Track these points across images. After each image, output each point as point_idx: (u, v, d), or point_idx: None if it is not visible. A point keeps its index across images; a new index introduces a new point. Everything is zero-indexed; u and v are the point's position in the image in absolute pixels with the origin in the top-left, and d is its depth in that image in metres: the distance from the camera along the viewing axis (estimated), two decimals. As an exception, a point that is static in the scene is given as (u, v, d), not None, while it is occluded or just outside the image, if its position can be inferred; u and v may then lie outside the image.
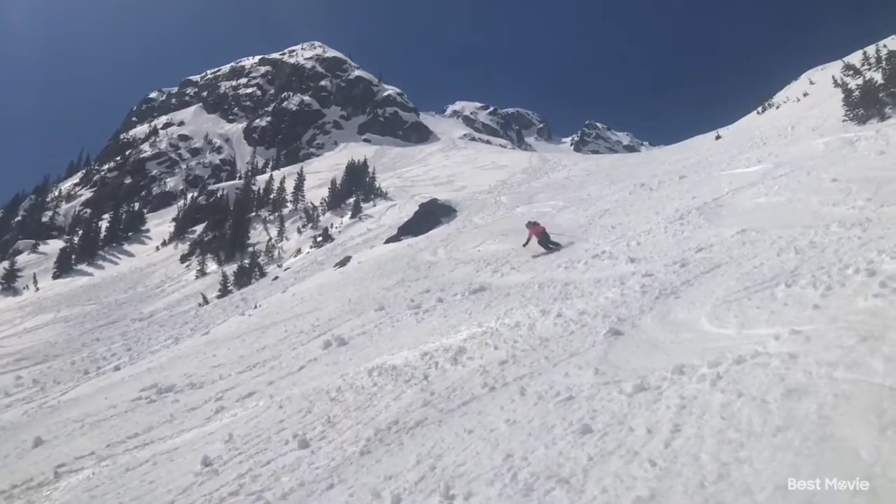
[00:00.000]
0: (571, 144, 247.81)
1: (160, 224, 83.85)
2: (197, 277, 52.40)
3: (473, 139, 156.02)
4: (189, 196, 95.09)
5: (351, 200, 64.98)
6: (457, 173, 78.04)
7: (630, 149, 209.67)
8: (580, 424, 4.86)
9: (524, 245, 18.90)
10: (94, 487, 8.75)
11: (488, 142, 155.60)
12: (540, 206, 31.18)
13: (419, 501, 4.72)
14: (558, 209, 27.97)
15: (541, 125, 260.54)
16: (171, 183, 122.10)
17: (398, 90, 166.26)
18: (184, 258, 62.61)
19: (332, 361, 12.07)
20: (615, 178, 36.43)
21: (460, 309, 13.26)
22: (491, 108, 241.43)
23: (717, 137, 42.58)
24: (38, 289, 57.75)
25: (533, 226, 19.20)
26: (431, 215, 38.38)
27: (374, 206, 61.62)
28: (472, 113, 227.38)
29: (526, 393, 6.32)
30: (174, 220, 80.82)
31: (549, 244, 18.04)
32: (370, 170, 77.67)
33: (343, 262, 31.77)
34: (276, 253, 55.37)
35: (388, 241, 36.73)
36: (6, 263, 65.62)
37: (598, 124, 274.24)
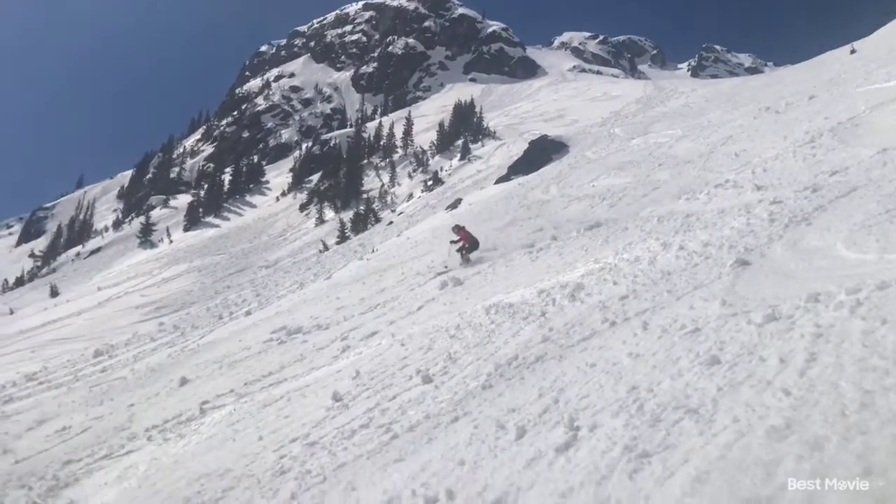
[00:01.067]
0: (688, 70, 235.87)
1: (278, 175, 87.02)
2: (316, 225, 54.32)
3: (583, 71, 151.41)
4: (303, 146, 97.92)
5: (459, 142, 64.94)
6: (567, 107, 76.24)
7: (753, 71, 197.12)
8: (707, 356, 4.73)
9: (453, 244, 17.05)
10: (235, 422, 9.40)
11: (599, 72, 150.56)
12: (656, 137, 30.04)
13: (544, 433, 4.78)
14: (676, 139, 26.86)
15: (654, 52, 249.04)
16: (286, 134, 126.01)
17: (503, 25, 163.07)
18: (302, 207, 64.95)
19: (449, 301, 12.30)
20: (737, 102, 34.48)
21: (576, 246, 13.11)
22: (600, 38, 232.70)
23: (852, 52, 39.22)
24: (171, 241, 61.62)
25: (460, 230, 17.31)
26: (542, 152, 37.80)
27: (483, 146, 61.32)
28: (580, 44, 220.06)
29: (648, 327, 6.21)
30: (291, 170, 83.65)
31: (465, 256, 16.63)
32: (477, 110, 77.10)
33: (454, 205, 31.99)
34: (388, 198, 56.46)
35: (499, 181, 36.58)
36: (142, 219, 70.35)
37: (717, 47, 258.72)
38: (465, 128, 70.75)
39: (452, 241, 17.22)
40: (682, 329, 5.66)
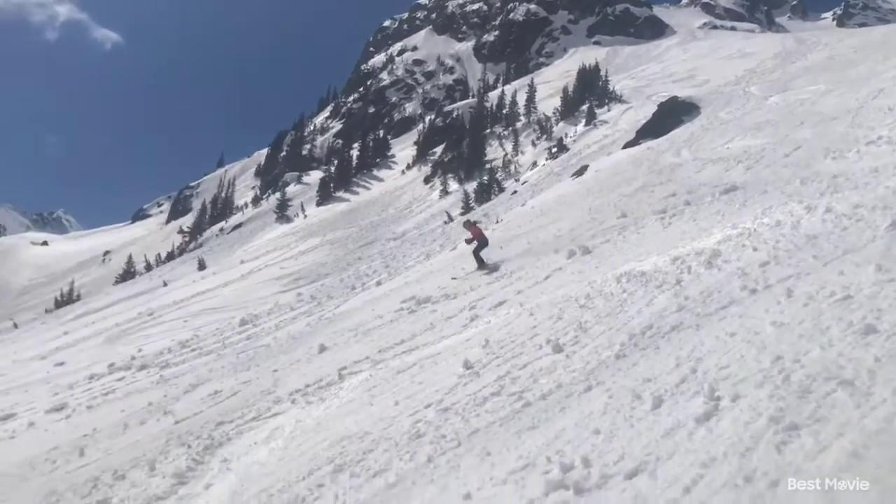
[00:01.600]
0: (833, 19, 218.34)
1: (403, 149, 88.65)
2: (440, 197, 55.03)
3: (715, 27, 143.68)
4: (427, 119, 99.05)
5: (584, 108, 63.49)
6: (697, 67, 72.72)
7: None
8: (862, 325, 4.44)
9: (467, 243, 18.13)
10: (372, 387, 9.78)
11: (732, 28, 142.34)
12: (796, 93, 28.13)
13: (682, 402, 4.67)
14: (819, 94, 25.05)
15: (794, 2, 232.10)
16: (410, 108, 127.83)
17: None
18: (427, 179, 65.91)
19: (577, 270, 12.16)
20: (890, 51, 31.64)
21: (711, 211, 12.58)
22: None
23: None
24: (305, 216, 64.34)
25: (472, 226, 18.18)
26: (672, 115, 36.37)
27: (609, 111, 59.68)
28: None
29: (793, 294, 5.89)
30: (415, 143, 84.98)
31: (479, 258, 17.09)
32: (602, 73, 74.96)
33: (580, 172, 31.42)
34: (512, 168, 56.22)
35: (626, 146, 35.56)
36: (278, 195, 73.80)
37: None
38: (589, 92, 69.04)
39: (467, 240, 18.07)
40: (831, 296, 5.33)
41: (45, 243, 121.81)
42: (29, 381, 22.13)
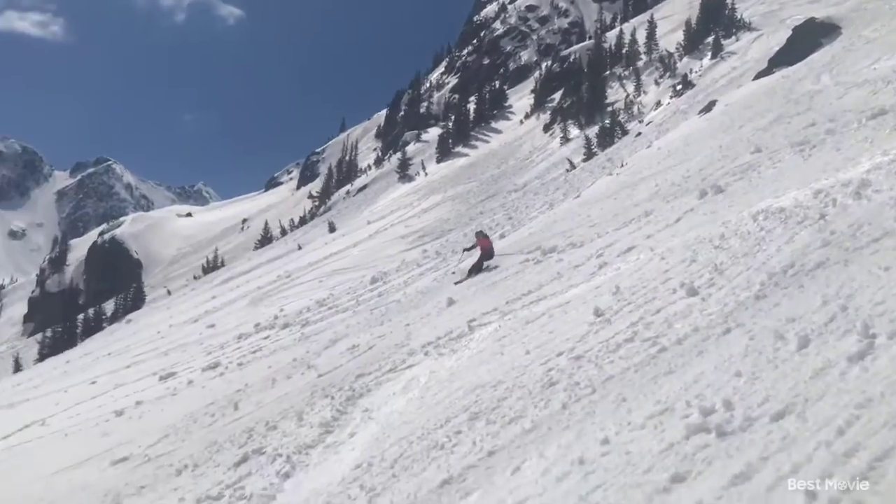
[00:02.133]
0: None
1: (520, 98, 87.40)
2: (561, 144, 54.06)
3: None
4: (542, 66, 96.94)
5: (709, 40, 59.94)
6: (835, -17, 66.66)
7: None
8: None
9: (467, 251, 19.07)
10: (502, 337, 9.88)
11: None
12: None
13: (831, 342, 4.41)
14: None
15: None
16: (525, 56, 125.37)
17: None
18: (546, 127, 64.83)
19: (709, 210, 11.64)
20: None
21: (857, 138, 11.64)
22: None
23: None
24: (426, 173, 65.15)
25: (482, 237, 18.23)
26: (808, 38, 33.62)
27: (737, 40, 56.03)
28: None
29: (957, 222, 5.39)
30: (532, 91, 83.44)
31: (481, 268, 17.09)
32: (728, 1, 70.29)
33: (707, 108, 29.87)
34: (634, 109, 54.25)
35: (758, 76, 33.35)
36: (398, 155, 75.01)
37: None
38: (714, 23, 64.93)
39: (466, 249, 19.15)
40: None
41: (189, 215, 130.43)
42: (185, 343, 24.02)
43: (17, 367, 54.52)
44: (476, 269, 17.08)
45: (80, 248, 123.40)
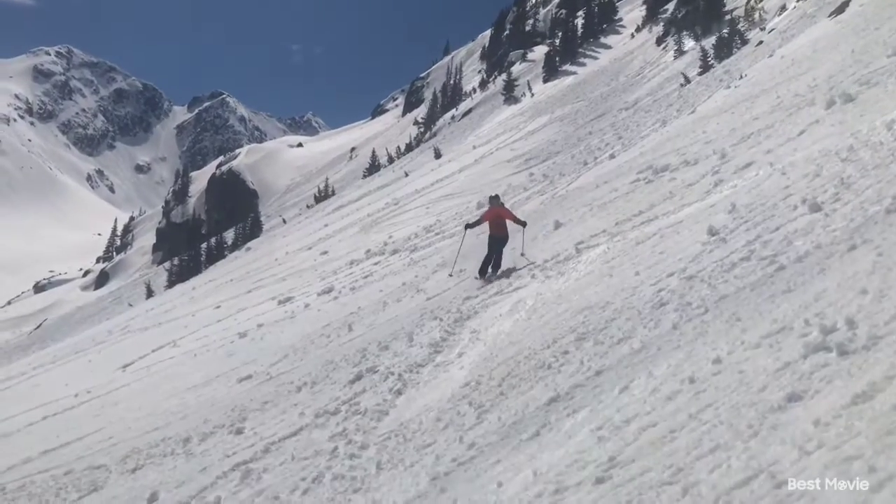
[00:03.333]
0: None
1: (631, 10, 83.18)
2: (675, 58, 51.33)
3: None
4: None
5: (842, -67, 54.55)
6: None
7: None
8: None
9: (470, 227, 13.60)
10: (611, 259, 9.74)
11: None
12: None
13: (972, 257, 4.08)
14: None
15: None
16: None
17: None
18: (659, 40, 61.59)
19: (837, 121, 10.82)
20: None
21: None
22: None
23: None
24: (532, 94, 63.75)
25: (493, 204, 12.87)
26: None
27: (875, -68, 50.69)
28: None
29: None
30: (644, 2, 79.16)
31: (487, 263, 12.42)
32: None
33: (840, 9, 27.37)
34: (756, 15, 50.51)
35: (898, -29, 30.18)
36: (504, 76, 73.57)
37: None
38: (848, -86, 58.97)
39: (469, 225, 13.46)
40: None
41: (300, 145, 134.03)
42: (301, 269, 25.11)
43: (149, 294, 58.85)
44: (487, 265, 12.44)
45: (200, 180, 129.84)
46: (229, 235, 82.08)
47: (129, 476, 8.43)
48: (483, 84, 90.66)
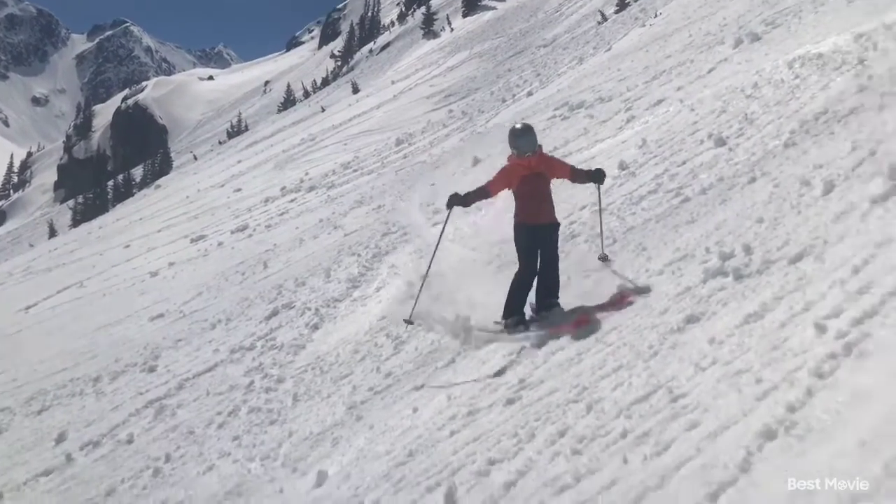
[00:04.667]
0: None
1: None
2: (592, -5, 51.46)
3: None
4: None
5: None
6: None
7: None
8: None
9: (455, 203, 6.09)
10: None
11: None
12: None
13: (856, 186, 4.33)
14: None
15: None
16: None
17: None
18: (577, -23, 61.49)
19: (744, 59, 11.16)
20: None
21: (907, -24, 10.89)
22: None
23: None
24: (452, 29, 62.85)
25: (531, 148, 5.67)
26: None
27: None
28: None
29: None
30: (563, -62, 78.59)
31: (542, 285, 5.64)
32: None
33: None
34: (671, -45, 50.99)
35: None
36: (423, 9, 72.10)
37: None
38: None
39: (457, 200, 5.94)
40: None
41: (210, 78, 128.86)
42: (213, 207, 24.45)
43: (52, 233, 56.24)
44: (524, 292, 5.67)
45: (104, 113, 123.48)
46: (137, 173, 78.87)
47: (35, 417, 8.21)
48: (402, 17, 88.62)
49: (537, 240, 5.61)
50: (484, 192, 5.73)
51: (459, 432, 3.90)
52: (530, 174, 5.55)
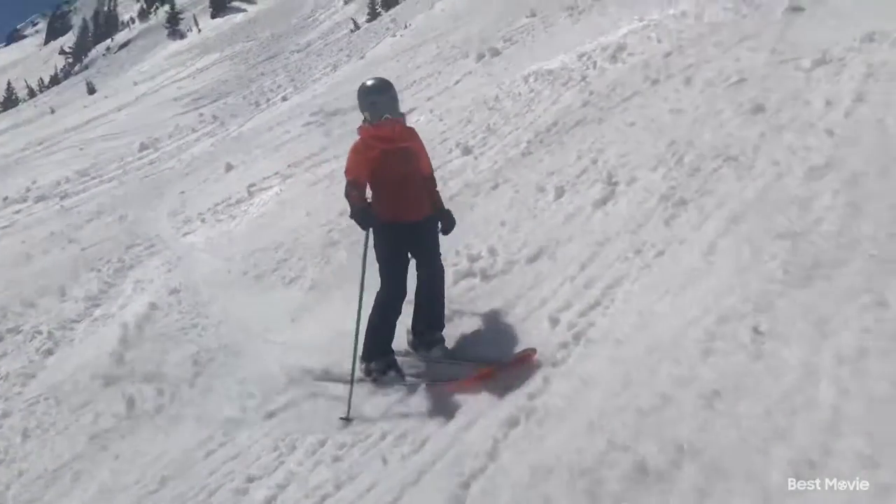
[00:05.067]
0: None
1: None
2: (345, 2, 52.06)
3: None
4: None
5: None
6: None
7: None
8: (751, 105, 4.60)
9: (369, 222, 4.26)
10: (284, 201, 9.76)
11: None
12: None
13: (582, 191, 4.86)
14: None
15: None
16: None
17: None
18: (330, -16, 61.87)
19: (487, 73, 11.99)
20: None
21: (620, 4, 12.39)
22: None
23: None
24: (199, 30, 60.15)
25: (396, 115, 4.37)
26: None
27: None
28: None
29: (692, 81, 6.00)
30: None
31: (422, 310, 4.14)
32: None
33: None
34: (418, -31, 53.24)
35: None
36: (167, 7, 68.14)
37: None
38: None
39: (361, 215, 4.01)
40: (726, 81, 5.46)
41: None
42: (-82, 220, 21.03)
43: None
44: (390, 319, 4.07)
45: None
46: None
47: None
48: (143, 14, 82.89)
49: (406, 245, 4.08)
50: (354, 187, 4.04)
51: (216, 452, 3.74)
52: (392, 149, 4.08)
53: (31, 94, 66.80)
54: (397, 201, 4.01)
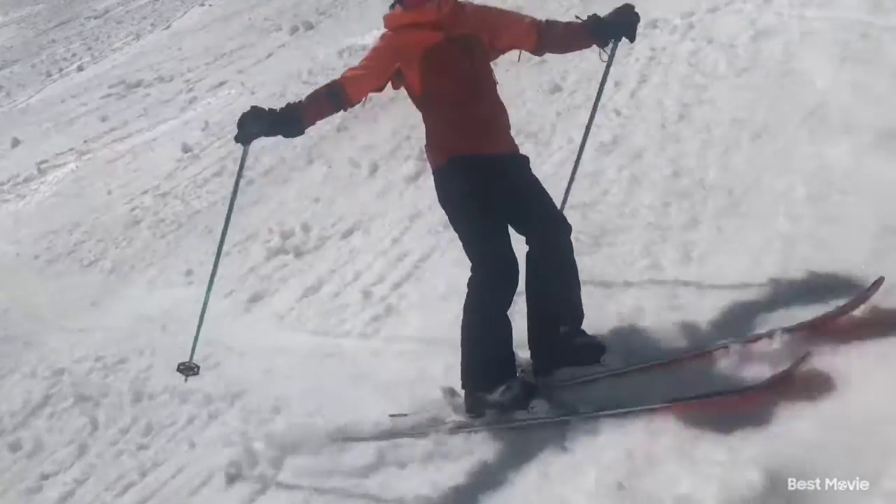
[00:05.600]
0: None
1: None
2: (147, -32, 48.57)
3: None
4: None
5: None
6: None
7: None
8: (550, 85, 4.87)
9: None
10: (81, 178, 9.07)
11: None
12: None
13: (394, 167, 4.92)
14: None
15: None
16: None
17: None
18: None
19: (300, 46, 11.75)
20: None
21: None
22: None
23: None
24: (-23, -12, 53.61)
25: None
26: None
27: None
28: None
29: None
30: None
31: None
32: None
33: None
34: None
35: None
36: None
37: None
38: None
39: (247, 126, 2.80)
40: (528, 61, 5.72)
41: None
42: None
43: None
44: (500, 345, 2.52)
45: None
46: None
47: None
48: None
49: (494, 191, 2.59)
50: (328, 97, 2.76)
51: (5, 453, 3.44)
52: (441, 42, 2.62)
53: None
54: (466, 124, 2.62)
